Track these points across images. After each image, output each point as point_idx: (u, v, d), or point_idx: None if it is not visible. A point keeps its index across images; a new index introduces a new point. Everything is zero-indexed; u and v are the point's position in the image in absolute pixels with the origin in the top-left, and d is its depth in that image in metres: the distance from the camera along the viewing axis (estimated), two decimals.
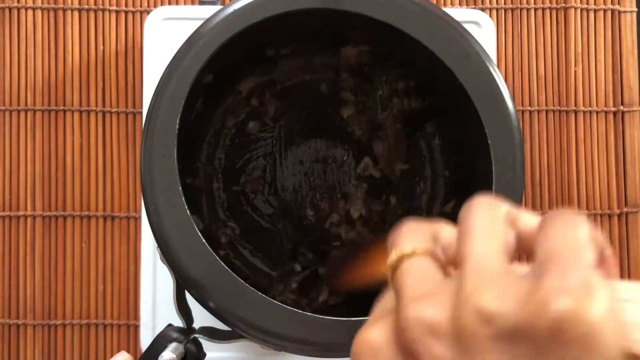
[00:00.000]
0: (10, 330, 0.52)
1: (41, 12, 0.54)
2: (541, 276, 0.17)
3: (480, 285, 0.18)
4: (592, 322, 0.16)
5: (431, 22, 0.35)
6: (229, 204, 0.47)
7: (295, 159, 0.47)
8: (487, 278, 0.18)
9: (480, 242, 0.19)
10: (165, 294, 0.47)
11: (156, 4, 0.55)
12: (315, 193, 0.47)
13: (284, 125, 0.48)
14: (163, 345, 0.33)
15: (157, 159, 0.33)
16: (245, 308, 0.31)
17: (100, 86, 0.54)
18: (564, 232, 0.18)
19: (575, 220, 0.19)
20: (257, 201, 0.47)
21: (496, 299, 0.17)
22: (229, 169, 0.47)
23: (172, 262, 0.32)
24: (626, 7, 0.56)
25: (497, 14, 0.56)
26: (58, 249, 0.53)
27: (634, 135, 0.55)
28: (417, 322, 0.18)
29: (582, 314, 0.16)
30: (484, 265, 0.18)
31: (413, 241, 0.21)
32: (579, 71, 0.55)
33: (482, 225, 0.20)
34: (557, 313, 0.16)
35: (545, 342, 0.17)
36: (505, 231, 0.20)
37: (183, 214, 0.32)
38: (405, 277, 0.20)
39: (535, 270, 0.18)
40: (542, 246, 0.18)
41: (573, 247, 0.18)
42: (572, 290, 0.16)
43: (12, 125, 0.54)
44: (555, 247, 0.18)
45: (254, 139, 0.47)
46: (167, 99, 0.33)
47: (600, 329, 0.16)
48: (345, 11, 0.35)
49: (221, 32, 0.34)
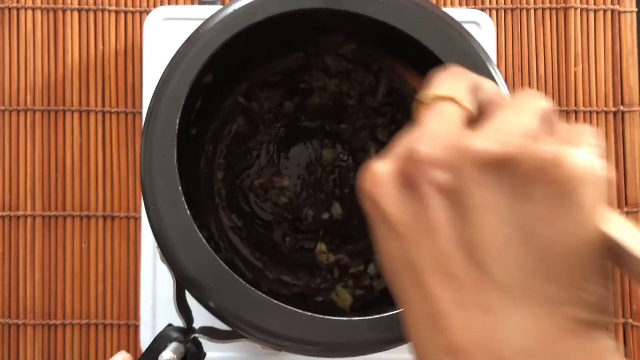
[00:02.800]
0: (10, 330, 0.52)
1: (41, 12, 0.54)
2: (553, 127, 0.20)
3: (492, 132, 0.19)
4: (575, 167, 0.18)
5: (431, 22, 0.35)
6: (228, 204, 0.47)
7: (294, 159, 0.47)
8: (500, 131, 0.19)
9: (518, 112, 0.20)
10: (165, 294, 0.47)
11: (156, 4, 0.55)
12: (315, 193, 0.47)
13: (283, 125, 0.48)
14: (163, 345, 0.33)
15: (157, 159, 0.33)
16: (245, 308, 0.31)
17: (100, 86, 0.54)
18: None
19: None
20: (256, 201, 0.47)
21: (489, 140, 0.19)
22: (228, 168, 0.47)
23: (172, 262, 0.32)
24: (626, 7, 0.56)
25: (497, 14, 0.56)
26: (58, 249, 0.53)
27: (634, 136, 0.55)
28: (422, 156, 0.20)
29: (567, 156, 0.18)
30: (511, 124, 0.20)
31: (452, 87, 0.22)
32: (579, 71, 0.55)
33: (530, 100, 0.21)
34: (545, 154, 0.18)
35: (526, 178, 0.18)
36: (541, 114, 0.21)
37: (183, 214, 0.32)
38: (429, 116, 0.22)
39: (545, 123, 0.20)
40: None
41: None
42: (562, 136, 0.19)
43: (12, 125, 0.54)
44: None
45: (253, 139, 0.47)
46: (167, 99, 0.33)
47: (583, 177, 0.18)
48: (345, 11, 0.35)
49: (221, 32, 0.34)
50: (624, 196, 0.55)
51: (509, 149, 0.19)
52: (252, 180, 0.47)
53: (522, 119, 0.20)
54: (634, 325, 0.53)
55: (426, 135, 0.21)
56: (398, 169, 0.21)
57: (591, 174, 0.18)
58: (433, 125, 0.21)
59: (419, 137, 0.21)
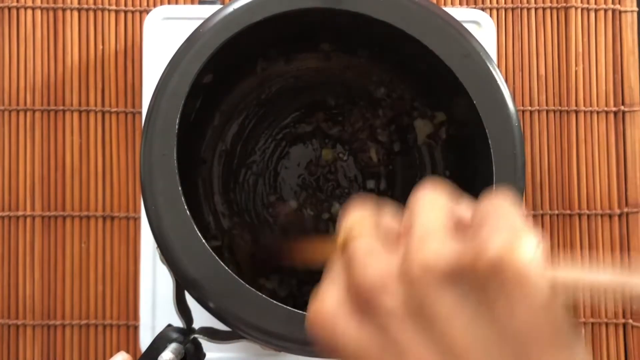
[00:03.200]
0: (9, 330, 0.52)
1: (40, 11, 0.54)
2: (478, 230, 0.20)
3: (424, 240, 0.20)
4: (521, 258, 0.18)
5: (431, 21, 0.35)
6: (228, 204, 0.47)
7: (294, 159, 0.47)
8: (431, 235, 0.20)
9: (425, 214, 0.21)
10: (165, 294, 0.47)
11: (156, 3, 0.55)
12: (315, 194, 0.47)
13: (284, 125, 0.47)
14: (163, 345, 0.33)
15: (157, 159, 0.32)
16: (245, 308, 0.31)
17: (100, 86, 0.54)
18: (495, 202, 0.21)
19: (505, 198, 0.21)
20: (256, 201, 0.47)
21: (439, 249, 0.19)
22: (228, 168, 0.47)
23: (171, 262, 0.32)
24: (627, 7, 0.56)
25: (497, 13, 0.56)
26: (58, 249, 0.53)
27: (635, 136, 0.55)
28: (370, 280, 0.20)
29: (513, 251, 0.18)
30: (427, 228, 0.20)
31: (360, 223, 0.23)
32: (580, 71, 0.55)
33: (427, 202, 0.22)
34: (492, 253, 0.18)
35: (484, 281, 0.19)
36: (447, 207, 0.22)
37: (183, 214, 0.32)
38: (355, 250, 0.21)
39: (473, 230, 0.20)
40: (475, 215, 0.21)
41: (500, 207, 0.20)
42: (504, 234, 0.19)
43: (12, 125, 0.54)
44: (485, 211, 0.20)
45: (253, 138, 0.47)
46: (167, 98, 0.33)
47: (529, 265, 0.19)
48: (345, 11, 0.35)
49: (221, 31, 0.34)
50: (624, 196, 0.55)
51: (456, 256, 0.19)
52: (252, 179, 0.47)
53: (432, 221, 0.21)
54: (634, 326, 0.53)
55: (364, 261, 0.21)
56: (345, 295, 0.21)
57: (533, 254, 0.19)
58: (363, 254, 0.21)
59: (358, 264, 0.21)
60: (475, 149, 0.37)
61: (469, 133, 0.38)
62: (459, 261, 0.19)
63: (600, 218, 0.54)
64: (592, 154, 0.55)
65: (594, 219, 0.54)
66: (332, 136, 0.48)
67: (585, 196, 0.55)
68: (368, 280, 0.20)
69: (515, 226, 0.19)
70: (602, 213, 0.54)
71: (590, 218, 0.54)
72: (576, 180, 0.55)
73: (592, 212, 0.54)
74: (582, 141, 0.55)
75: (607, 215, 0.54)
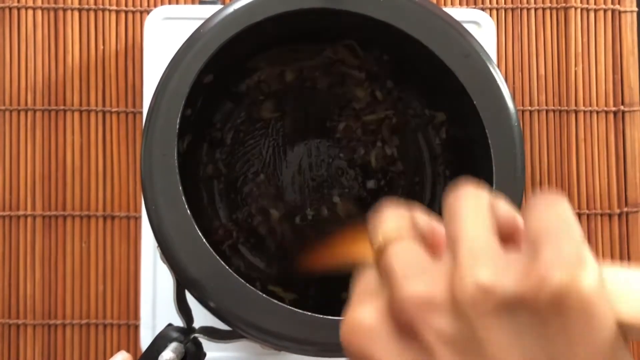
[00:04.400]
0: (10, 330, 0.52)
1: (41, 12, 0.54)
2: (537, 251, 0.18)
3: (477, 261, 0.18)
4: (588, 291, 0.17)
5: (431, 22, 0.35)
6: (228, 204, 0.47)
7: (295, 159, 0.47)
8: (483, 255, 0.18)
9: (472, 224, 0.19)
10: (165, 294, 0.47)
11: (156, 3, 0.55)
12: (315, 193, 0.47)
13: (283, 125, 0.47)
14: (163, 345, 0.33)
15: (157, 159, 0.33)
16: (245, 308, 0.31)
17: (100, 86, 0.54)
18: (552, 210, 0.19)
19: (558, 199, 0.19)
20: (256, 201, 0.47)
21: (495, 273, 0.18)
22: (229, 168, 0.47)
23: (172, 262, 0.32)
24: (626, 7, 0.56)
25: (497, 13, 0.56)
26: (58, 249, 0.53)
27: (635, 135, 0.55)
28: (415, 298, 0.18)
29: (579, 283, 0.17)
30: (477, 244, 0.18)
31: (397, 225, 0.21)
32: (579, 71, 0.55)
33: (471, 207, 0.20)
34: (557, 284, 0.17)
35: (545, 312, 0.17)
36: (491, 214, 0.20)
37: (183, 213, 0.32)
38: (394, 258, 0.19)
39: (529, 247, 0.18)
40: (532, 225, 0.19)
41: (562, 222, 0.18)
42: (569, 262, 0.17)
43: (12, 125, 0.54)
44: (545, 224, 0.18)
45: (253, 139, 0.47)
46: (167, 98, 0.33)
47: (595, 298, 0.17)
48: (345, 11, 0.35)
49: (221, 32, 0.34)
50: (624, 196, 0.55)
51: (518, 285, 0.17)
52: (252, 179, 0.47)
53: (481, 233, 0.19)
54: None
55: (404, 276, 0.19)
56: (387, 314, 0.19)
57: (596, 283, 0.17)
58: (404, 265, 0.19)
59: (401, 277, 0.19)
60: (475, 149, 0.37)
61: (469, 133, 0.38)
62: (519, 288, 0.17)
63: (600, 218, 0.54)
64: (591, 153, 0.55)
65: (594, 218, 0.54)
66: (332, 136, 0.48)
67: (584, 196, 0.55)
68: (413, 296, 0.18)
69: (579, 245, 0.18)
70: (602, 213, 0.54)
71: (590, 218, 0.54)
72: (576, 180, 0.55)
73: (591, 212, 0.54)
74: (582, 141, 0.55)
75: (607, 215, 0.54)
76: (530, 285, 0.17)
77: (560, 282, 0.17)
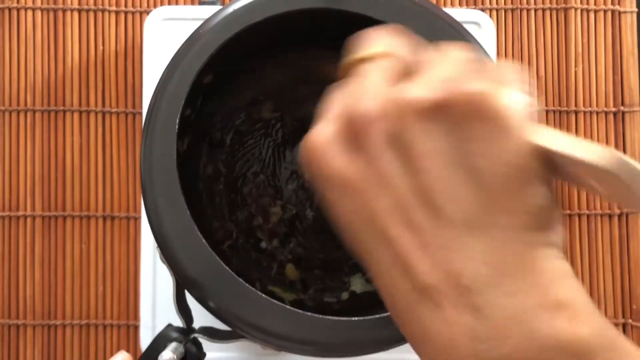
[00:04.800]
0: (10, 330, 0.52)
1: (41, 12, 0.54)
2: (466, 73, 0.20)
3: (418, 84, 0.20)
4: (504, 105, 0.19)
5: (431, 22, 0.35)
6: (228, 204, 0.47)
7: (295, 159, 0.47)
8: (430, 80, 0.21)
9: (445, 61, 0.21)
10: (165, 294, 0.47)
11: (156, 4, 0.55)
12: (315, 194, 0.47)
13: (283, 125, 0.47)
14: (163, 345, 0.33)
15: (157, 159, 0.32)
16: (245, 308, 0.31)
17: (100, 86, 0.54)
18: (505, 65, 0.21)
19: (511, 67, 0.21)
20: (256, 201, 0.47)
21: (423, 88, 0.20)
22: (229, 168, 0.47)
23: (172, 262, 0.32)
24: (626, 8, 0.56)
25: (497, 14, 0.56)
26: (58, 249, 0.53)
27: (635, 136, 0.55)
28: (365, 112, 0.21)
29: (496, 96, 0.19)
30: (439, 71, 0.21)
31: (374, 46, 0.23)
32: (579, 71, 0.55)
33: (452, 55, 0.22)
34: (474, 91, 0.19)
35: (462, 118, 0.19)
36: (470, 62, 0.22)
37: (183, 214, 0.32)
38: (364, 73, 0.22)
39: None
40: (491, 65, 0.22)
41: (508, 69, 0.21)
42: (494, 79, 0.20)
43: (12, 125, 0.54)
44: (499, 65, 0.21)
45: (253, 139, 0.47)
46: (167, 99, 0.33)
47: (511, 116, 0.19)
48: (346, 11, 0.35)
49: (221, 32, 0.34)
50: None
51: (441, 93, 0.20)
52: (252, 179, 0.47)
53: (447, 67, 0.21)
54: (634, 326, 0.53)
55: (363, 92, 0.21)
56: (339, 128, 0.21)
57: (516, 103, 0.19)
58: (368, 81, 0.22)
59: (358, 95, 0.21)
60: None
61: None
62: (439, 96, 0.20)
63: (600, 218, 0.54)
64: None
65: (594, 219, 0.54)
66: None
67: (585, 196, 0.55)
68: (365, 110, 0.21)
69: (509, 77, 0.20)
70: (602, 213, 0.54)
71: (590, 218, 0.54)
72: None
73: (592, 212, 0.54)
74: None
75: (607, 215, 0.55)
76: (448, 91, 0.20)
77: (478, 88, 0.19)
